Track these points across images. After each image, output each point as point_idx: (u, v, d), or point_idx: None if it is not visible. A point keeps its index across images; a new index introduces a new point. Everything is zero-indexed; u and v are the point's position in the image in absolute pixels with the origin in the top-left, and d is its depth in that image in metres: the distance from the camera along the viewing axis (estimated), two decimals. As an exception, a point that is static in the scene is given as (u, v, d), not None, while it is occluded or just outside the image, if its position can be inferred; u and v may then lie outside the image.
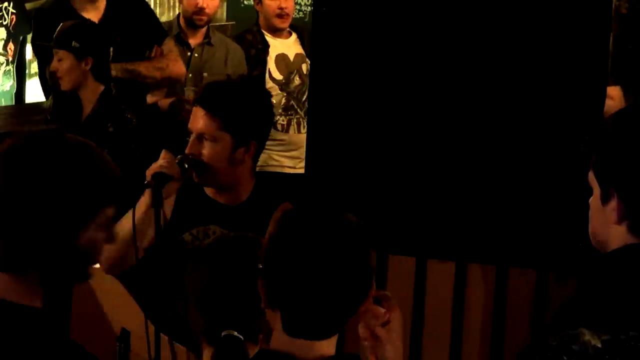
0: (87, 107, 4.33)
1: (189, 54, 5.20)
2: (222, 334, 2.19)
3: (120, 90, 4.47)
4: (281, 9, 5.28)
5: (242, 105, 3.19)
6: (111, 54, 4.44)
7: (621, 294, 1.95)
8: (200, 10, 5.17)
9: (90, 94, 4.32)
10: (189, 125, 3.21)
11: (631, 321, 1.84)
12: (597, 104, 3.45)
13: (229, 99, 3.19)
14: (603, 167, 2.02)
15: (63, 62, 4.31)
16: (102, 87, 4.32)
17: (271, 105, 3.38)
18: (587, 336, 1.32)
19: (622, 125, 2.02)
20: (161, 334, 2.89)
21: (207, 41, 5.24)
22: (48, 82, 4.63)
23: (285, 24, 5.34)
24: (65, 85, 4.34)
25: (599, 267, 2.06)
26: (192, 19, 5.21)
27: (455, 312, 3.66)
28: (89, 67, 4.29)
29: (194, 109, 3.21)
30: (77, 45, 4.27)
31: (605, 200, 2.02)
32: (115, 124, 4.23)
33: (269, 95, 3.45)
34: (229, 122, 3.14)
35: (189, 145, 3.16)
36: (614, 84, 4.31)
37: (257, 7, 5.39)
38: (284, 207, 3.18)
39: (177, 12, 5.79)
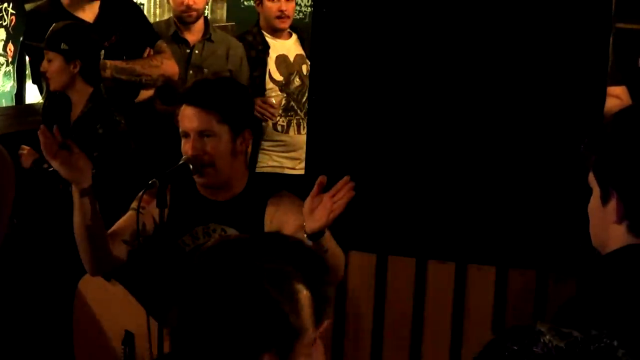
0: (77, 109, 4.32)
1: (187, 50, 5.20)
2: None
3: (109, 93, 4.46)
4: (281, 11, 5.27)
5: (231, 95, 3.21)
6: (102, 56, 4.43)
7: (621, 294, 1.95)
8: (188, 8, 5.17)
9: (79, 96, 4.31)
10: (184, 127, 3.16)
11: (625, 321, 1.84)
12: (597, 104, 3.46)
13: (219, 91, 3.20)
14: (603, 167, 2.01)
15: (52, 63, 4.30)
16: (90, 90, 4.31)
17: (250, 95, 3.47)
18: (548, 336, 1.31)
19: (622, 126, 2.02)
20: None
21: (207, 37, 5.24)
22: (41, 82, 4.63)
23: (285, 25, 5.34)
24: (53, 85, 4.34)
25: (599, 267, 2.06)
26: (182, 17, 5.22)
27: (455, 313, 3.66)
28: (77, 69, 4.28)
29: (183, 110, 3.16)
30: (66, 47, 4.27)
31: (605, 200, 2.02)
32: (104, 126, 4.22)
33: (246, 86, 3.72)
34: (225, 113, 3.13)
35: (190, 146, 3.12)
36: (620, 83, 4.32)
37: (258, 8, 5.39)
38: (280, 194, 3.19)
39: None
